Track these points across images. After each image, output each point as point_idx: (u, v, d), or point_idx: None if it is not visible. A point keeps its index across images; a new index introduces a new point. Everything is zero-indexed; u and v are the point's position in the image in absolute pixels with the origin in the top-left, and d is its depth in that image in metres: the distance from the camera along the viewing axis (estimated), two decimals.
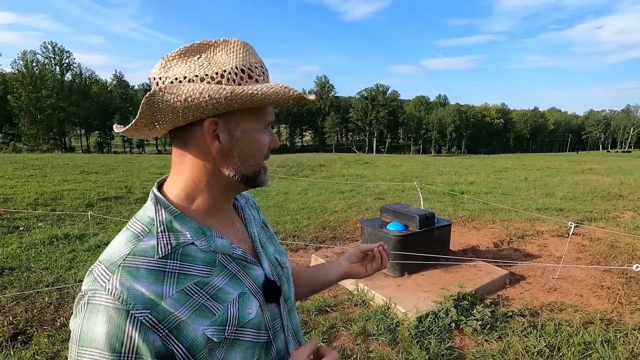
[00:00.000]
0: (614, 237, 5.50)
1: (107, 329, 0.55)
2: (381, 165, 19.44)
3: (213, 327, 0.62)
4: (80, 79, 64.95)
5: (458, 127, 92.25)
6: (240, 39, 0.69)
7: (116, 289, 0.57)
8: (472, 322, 3.06)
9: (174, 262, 0.63)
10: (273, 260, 0.83)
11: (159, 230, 0.64)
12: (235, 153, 0.68)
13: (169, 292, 0.60)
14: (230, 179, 0.70)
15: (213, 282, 0.66)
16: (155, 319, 0.58)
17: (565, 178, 14.38)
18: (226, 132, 0.66)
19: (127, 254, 0.61)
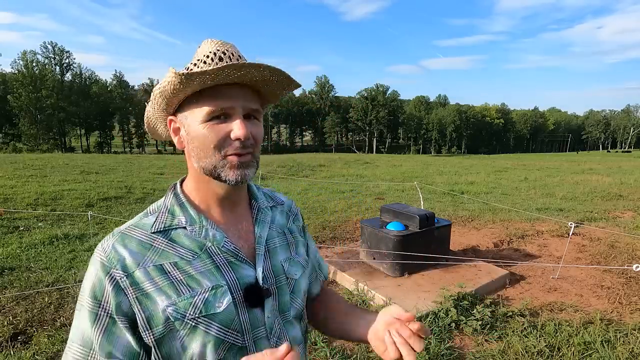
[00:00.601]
0: (614, 237, 5.50)
1: (93, 280, 0.67)
2: (381, 165, 19.44)
3: (174, 306, 0.66)
4: (80, 79, 64.91)
5: (458, 127, 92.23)
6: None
7: (108, 249, 0.68)
8: (472, 322, 3.06)
9: (163, 240, 0.70)
10: (277, 267, 0.79)
11: (162, 211, 0.74)
12: (191, 147, 0.71)
13: (146, 263, 0.67)
14: (199, 171, 0.72)
15: (190, 267, 0.69)
16: (128, 282, 0.66)
17: (565, 178, 14.39)
18: (182, 127, 0.73)
19: (131, 224, 0.73)
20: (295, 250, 0.87)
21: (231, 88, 0.68)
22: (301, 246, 0.91)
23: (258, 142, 0.72)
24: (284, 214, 0.90)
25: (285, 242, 0.85)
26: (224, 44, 0.70)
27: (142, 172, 12.93)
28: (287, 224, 0.89)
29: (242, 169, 0.70)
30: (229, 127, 0.68)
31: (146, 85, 74.03)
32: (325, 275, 1.03)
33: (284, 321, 0.79)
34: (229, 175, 0.69)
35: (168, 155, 32.71)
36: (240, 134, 0.67)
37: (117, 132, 71.91)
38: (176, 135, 0.75)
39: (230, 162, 0.69)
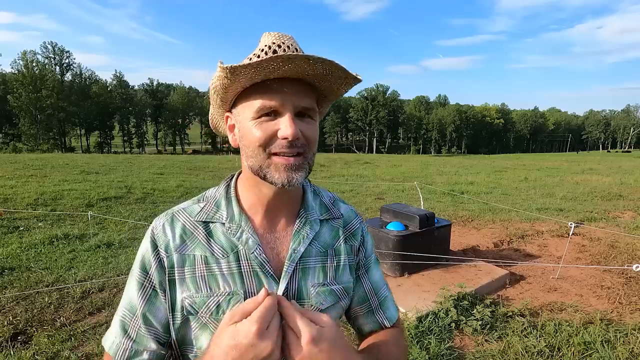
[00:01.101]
0: (614, 237, 5.50)
1: (144, 252, 0.71)
2: (381, 165, 19.44)
3: (191, 299, 0.68)
4: (80, 79, 64.95)
5: (458, 127, 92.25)
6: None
7: (159, 227, 0.72)
8: (472, 322, 3.05)
9: (202, 231, 0.72)
10: (302, 291, 0.71)
11: (210, 201, 0.75)
12: (242, 144, 0.70)
13: (183, 250, 0.70)
14: (249, 170, 0.69)
15: (216, 266, 0.69)
16: (167, 263, 0.70)
17: (565, 178, 14.39)
18: (236, 124, 0.71)
19: (182, 208, 0.75)
20: (334, 276, 0.76)
21: (282, 83, 0.63)
22: (347, 271, 0.79)
23: (311, 142, 0.67)
24: (334, 231, 0.79)
25: (323, 264, 0.75)
26: (281, 36, 0.66)
27: (142, 172, 12.93)
28: (334, 244, 0.78)
29: (290, 171, 0.64)
30: (277, 125, 0.64)
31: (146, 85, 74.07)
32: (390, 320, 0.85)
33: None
34: (275, 177, 0.65)
35: (168, 155, 32.71)
36: (288, 133, 0.62)
37: (117, 132, 71.91)
38: (231, 132, 0.73)
39: (275, 164, 0.64)
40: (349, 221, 0.83)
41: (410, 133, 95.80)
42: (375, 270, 0.86)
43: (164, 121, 73.78)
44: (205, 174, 13.61)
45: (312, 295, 0.72)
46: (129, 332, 0.69)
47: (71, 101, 57.36)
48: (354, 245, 0.82)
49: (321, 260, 0.75)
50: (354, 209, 0.88)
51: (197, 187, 10.08)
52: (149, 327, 0.69)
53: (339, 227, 0.81)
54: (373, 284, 0.85)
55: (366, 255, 0.85)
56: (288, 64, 0.60)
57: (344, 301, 0.79)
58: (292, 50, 0.64)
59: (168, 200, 8.35)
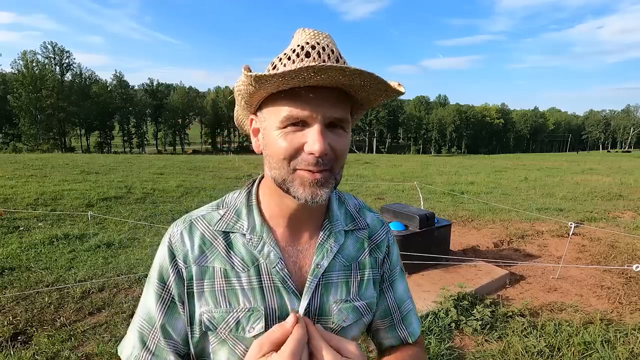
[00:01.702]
0: (614, 237, 5.50)
1: (161, 262, 0.68)
2: (381, 165, 19.44)
3: (210, 314, 0.65)
4: (80, 79, 64.97)
5: (458, 127, 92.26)
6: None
7: (177, 235, 0.69)
8: (472, 322, 3.05)
9: (222, 242, 0.68)
10: (324, 307, 0.68)
11: (230, 209, 0.71)
12: (265, 153, 0.64)
13: (202, 261, 0.67)
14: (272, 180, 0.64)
15: (235, 280, 0.66)
16: (186, 274, 0.66)
17: (565, 178, 14.39)
18: (261, 129, 0.65)
19: (201, 214, 0.71)
20: (358, 291, 0.72)
21: (314, 91, 0.57)
22: (370, 286, 0.75)
23: (340, 157, 0.61)
24: (359, 243, 0.75)
25: (347, 279, 0.71)
26: (316, 35, 0.61)
27: (142, 172, 12.93)
28: (359, 256, 0.74)
29: (315, 187, 0.59)
30: (304, 137, 0.58)
31: (146, 85, 74.09)
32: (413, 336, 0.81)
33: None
34: (299, 193, 0.60)
35: (168, 155, 32.71)
36: (316, 148, 0.56)
37: (117, 132, 71.92)
38: (255, 136, 0.68)
39: (300, 178, 0.59)
40: (374, 231, 0.79)
41: (410, 133, 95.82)
42: (399, 283, 0.82)
43: (164, 121, 73.78)
44: (205, 174, 13.61)
45: (334, 312, 0.68)
46: (147, 344, 0.67)
47: (71, 101, 57.38)
48: (379, 258, 0.78)
49: (345, 275, 0.71)
50: (381, 217, 0.83)
51: (197, 187, 10.08)
52: (169, 340, 0.67)
53: (364, 239, 0.76)
54: (397, 298, 0.81)
55: (391, 267, 0.81)
56: (321, 74, 0.53)
57: (367, 317, 0.75)
58: (327, 52, 0.59)
59: (168, 200, 8.35)
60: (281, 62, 0.60)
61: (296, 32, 0.63)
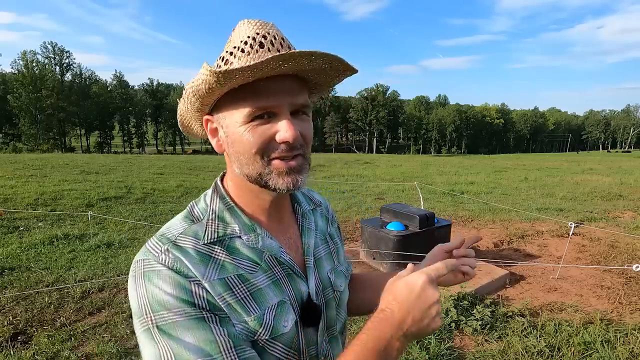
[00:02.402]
0: (614, 237, 5.50)
1: (169, 288, 0.55)
2: (381, 165, 19.44)
3: (244, 324, 0.58)
4: (80, 79, 64.96)
5: (458, 127, 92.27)
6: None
7: (169, 259, 0.57)
8: (472, 322, 3.06)
9: (221, 250, 0.62)
10: (324, 280, 0.73)
11: (210, 218, 0.64)
12: (232, 151, 0.62)
13: (211, 275, 0.58)
14: (242, 177, 0.64)
15: (255, 280, 0.62)
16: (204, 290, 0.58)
17: (565, 178, 14.39)
18: (220, 128, 0.64)
19: (180, 232, 0.62)
20: (338, 258, 0.81)
21: (275, 81, 0.57)
22: (342, 253, 0.85)
23: (308, 141, 0.63)
24: (323, 218, 0.83)
25: (328, 251, 0.79)
26: (263, 25, 0.59)
27: (142, 172, 12.93)
28: (327, 229, 0.83)
29: (294, 174, 0.61)
30: (273, 127, 0.58)
31: (146, 85, 74.10)
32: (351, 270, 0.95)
33: (330, 337, 0.74)
34: (279, 184, 0.60)
35: (168, 155, 32.72)
36: (289, 136, 0.57)
37: (117, 132, 71.93)
38: (214, 137, 0.66)
39: (277, 169, 0.60)
40: (327, 207, 0.88)
41: (410, 133, 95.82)
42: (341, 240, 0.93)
43: (164, 121, 73.78)
44: (205, 174, 13.61)
45: (333, 281, 0.75)
46: None
47: (71, 101, 57.35)
48: (336, 228, 0.88)
49: (325, 248, 0.79)
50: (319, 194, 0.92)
51: (197, 187, 10.08)
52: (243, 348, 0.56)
53: (324, 214, 0.85)
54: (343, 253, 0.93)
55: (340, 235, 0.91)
56: (290, 61, 0.54)
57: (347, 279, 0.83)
58: (279, 41, 0.58)
59: (168, 200, 8.35)
60: (233, 56, 0.57)
61: (240, 24, 0.61)
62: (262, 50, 0.56)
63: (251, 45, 0.57)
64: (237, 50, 0.57)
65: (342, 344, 0.80)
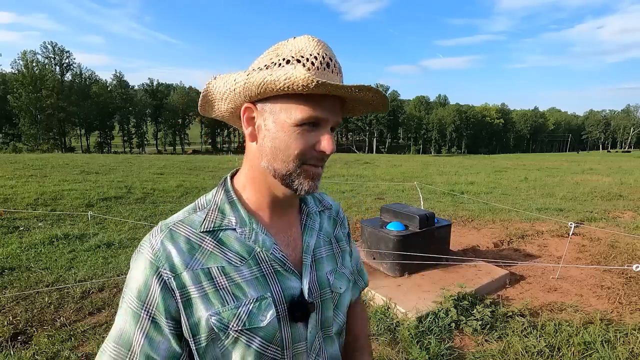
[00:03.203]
0: (614, 237, 5.50)
1: (139, 277, 0.64)
2: (381, 165, 19.44)
3: (218, 316, 0.63)
4: (80, 79, 64.94)
5: (458, 127, 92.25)
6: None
7: (157, 245, 0.65)
8: (472, 322, 3.05)
9: (211, 240, 0.67)
10: (322, 279, 0.75)
11: (211, 208, 0.70)
12: (267, 143, 0.66)
13: (194, 265, 0.64)
14: (266, 171, 0.68)
15: (237, 274, 0.66)
16: (176, 284, 0.63)
17: (565, 178, 14.39)
18: (261, 119, 0.67)
19: (179, 220, 0.68)
20: (342, 261, 0.83)
21: (328, 99, 0.64)
22: (347, 256, 0.86)
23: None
24: (331, 220, 0.86)
25: (331, 252, 0.81)
26: (325, 47, 0.66)
27: (142, 172, 12.93)
28: (334, 232, 0.85)
29: (316, 180, 0.68)
30: (317, 137, 0.65)
31: (146, 85, 74.06)
32: (365, 283, 0.99)
33: (325, 337, 0.76)
34: (303, 185, 0.66)
35: (168, 155, 32.71)
36: (328, 149, 0.64)
37: (117, 132, 71.89)
38: (249, 125, 0.68)
39: (306, 172, 0.66)
40: (337, 211, 0.90)
41: (410, 133, 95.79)
42: (355, 249, 0.96)
43: (164, 121, 73.77)
44: (205, 174, 13.61)
45: (331, 282, 0.77)
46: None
47: (71, 101, 57.33)
48: (345, 233, 0.89)
49: (329, 249, 0.80)
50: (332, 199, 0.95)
51: (197, 187, 10.08)
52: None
53: (332, 217, 0.87)
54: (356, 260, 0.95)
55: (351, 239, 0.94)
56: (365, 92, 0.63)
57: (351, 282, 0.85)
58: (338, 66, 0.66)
59: (168, 200, 8.35)
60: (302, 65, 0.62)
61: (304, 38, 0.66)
62: (328, 70, 0.64)
63: (320, 62, 0.63)
64: (307, 62, 0.63)
65: (339, 345, 0.82)
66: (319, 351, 0.74)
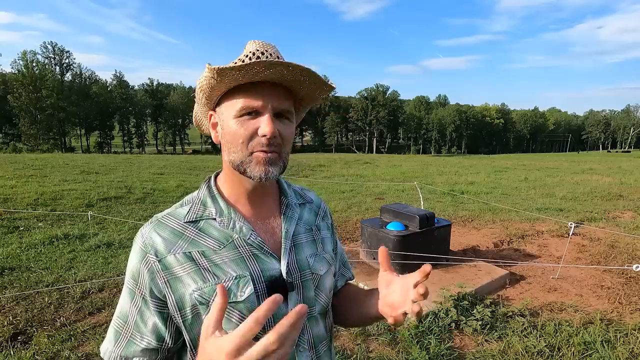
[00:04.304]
0: (614, 237, 5.50)
1: (133, 262, 0.74)
2: (381, 165, 19.43)
3: (200, 291, 0.70)
4: (80, 79, 64.93)
5: (458, 127, 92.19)
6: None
7: (146, 234, 0.75)
8: (472, 322, 3.06)
9: (193, 229, 0.75)
10: (302, 262, 0.80)
11: (195, 202, 0.79)
12: (224, 141, 0.75)
13: (176, 250, 0.73)
14: (230, 165, 0.75)
15: (216, 257, 0.73)
16: (159, 266, 0.72)
17: (565, 178, 14.39)
18: (219, 122, 0.76)
19: (168, 212, 0.79)
20: (323, 247, 0.88)
21: (264, 86, 0.70)
22: (329, 243, 0.91)
23: (286, 141, 0.73)
24: (312, 212, 0.92)
25: (312, 239, 0.86)
26: (265, 45, 0.72)
27: (142, 172, 12.93)
28: (315, 221, 0.91)
29: (267, 165, 0.71)
30: (257, 123, 0.70)
31: (146, 85, 74.07)
32: (351, 276, 1.04)
33: (309, 316, 0.80)
34: (254, 171, 0.71)
35: (168, 155, 32.71)
36: (267, 130, 0.68)
37: (117, 132, 71.85)
38: (214, 129, 0.78)
39: (255, 159, 0.71)
40: (319, 205, 0.96)
41: (410, 133, 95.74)
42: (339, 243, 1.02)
43: (164, 121, 73.73)
44: (206, 174, 13.61)
45: (311, 264, 0.82)
46: (119, 340, 0.74)
47: (71, 101, 57.26)
48: (328, 223, 0.95)
49: (309, 236, 0.86)
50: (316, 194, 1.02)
51: (197, 187, 9.99)
52: (141, 335, 0.73)
53: (313, 209, 0.93)
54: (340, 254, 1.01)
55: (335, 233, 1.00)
56: (270, 68, 0.66)
57: (333, 266, 0.90)
58: (274, 58, 0.70)
59: (168, 200, 8.34)
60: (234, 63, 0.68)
61: (248, 43, 0.73)
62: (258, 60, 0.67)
63: (250, 57, 0.69)
64: (239, 60, 0.69)
65: (326, 326, 0.86)
66: (302, 330, 0.78)
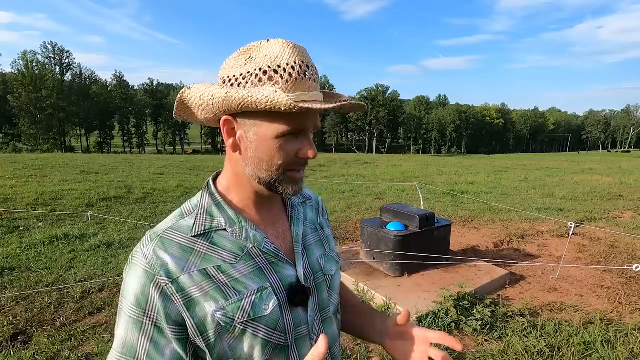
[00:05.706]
0: (614, 237, 5.50)
1: (136, 286, 0.64)
2: (381, 165, 19.43)
3: (223, 311, 0.65)
4: (80, 79, 64.98)
5: (458, 127, 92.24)
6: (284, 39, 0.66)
7: (149, 254, 0.65)
8: (472, 322, 3.06)
9: (204, 243, 0.68)
10: (314, 265, 0.79)
11: (199, 212, 0.71)
12: (250, 154, 0.68)
13: (190, 268, 0.66)
14: (252, 178, 0.70)
15: (234, 270, 0.68)
16: (174, 288, 0.64)
17: (565, 178, 14.39)
18: (242, 131, 0.68)
19: (168, 227, 0.70)
20: (329, 246, 0.88)
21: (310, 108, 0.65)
22: (332, 241, 0.91)
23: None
24: (313, 209, 0.90)
25: (318, 238, 0.85)
26: (300, 53, 0.64)
27: (142, 172, 12.93)
28: (317, 219, 0.90)
29: (300, 184, 0.71)
30: (298, 145, 0.67)
31: (146, 85, 74.06)
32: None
33: (324, 318, 0.80)
34: (287, 190, 0.70)
35: (168, 155, 32.71)
36: (312, 154, 0.67)
37: (117, 132, 71.87)
38: (230, 136, 0.69)
39: (289, 178, 0.69)
40: (316, 200, 0.94)
41: (410, 133, 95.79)
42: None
43: (164, 121, 73.73)
44: (206, 174, 13.60)
45: (323, 266, 0.81)
46: None
47: (71, 101, 57.31)
48: (326, 219, 0.95)
49: (315, 236, 0.85)
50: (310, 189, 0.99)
51: (197, 187, 10.07)
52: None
53: (314, 206, 0.92)
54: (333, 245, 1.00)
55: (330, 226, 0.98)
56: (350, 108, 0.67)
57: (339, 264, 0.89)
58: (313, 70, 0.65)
59: (168, 200, 8.35)
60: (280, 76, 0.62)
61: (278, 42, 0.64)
62: (306, 79, 0.64)
63: (298, 72, 0.63)
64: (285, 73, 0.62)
65: (338, 326, 0.86)
66: (319, 333, 0.77)
